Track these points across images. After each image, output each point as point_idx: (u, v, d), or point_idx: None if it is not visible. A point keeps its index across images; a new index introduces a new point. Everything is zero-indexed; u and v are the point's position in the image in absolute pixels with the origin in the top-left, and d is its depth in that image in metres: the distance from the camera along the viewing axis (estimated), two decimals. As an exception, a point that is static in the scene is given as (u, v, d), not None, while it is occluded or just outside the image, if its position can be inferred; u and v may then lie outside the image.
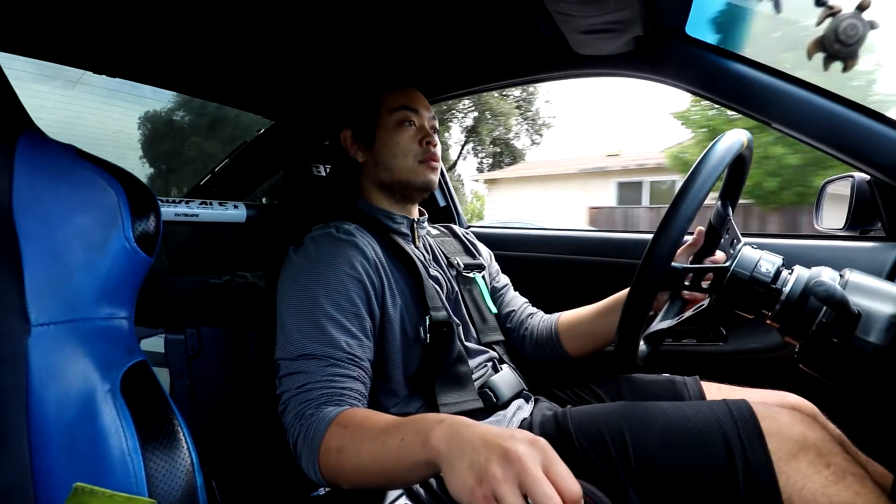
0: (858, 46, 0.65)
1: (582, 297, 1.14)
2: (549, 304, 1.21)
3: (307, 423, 0.71)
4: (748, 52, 1.00)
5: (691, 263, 0.94)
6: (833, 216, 1.12)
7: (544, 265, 1.48)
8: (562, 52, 1.11)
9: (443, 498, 0.77)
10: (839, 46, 0.65)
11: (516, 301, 1.21)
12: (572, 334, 1.09)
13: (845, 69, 0.67)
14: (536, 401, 1.02)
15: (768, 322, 0.71)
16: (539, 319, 1.16)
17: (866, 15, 0.64)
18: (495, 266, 1.25)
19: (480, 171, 20.03)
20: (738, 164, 0.81)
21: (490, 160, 20.20)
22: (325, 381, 0.76)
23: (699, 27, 1.01)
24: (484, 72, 1.35)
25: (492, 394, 0.94)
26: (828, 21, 0.65)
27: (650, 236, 0.68)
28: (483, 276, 1.15)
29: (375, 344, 0.87)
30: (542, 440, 0.50)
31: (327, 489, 0.93)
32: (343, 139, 1.05)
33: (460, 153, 19.58)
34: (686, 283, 0.74)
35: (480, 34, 1.18)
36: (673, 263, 0.69)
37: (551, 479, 0.46)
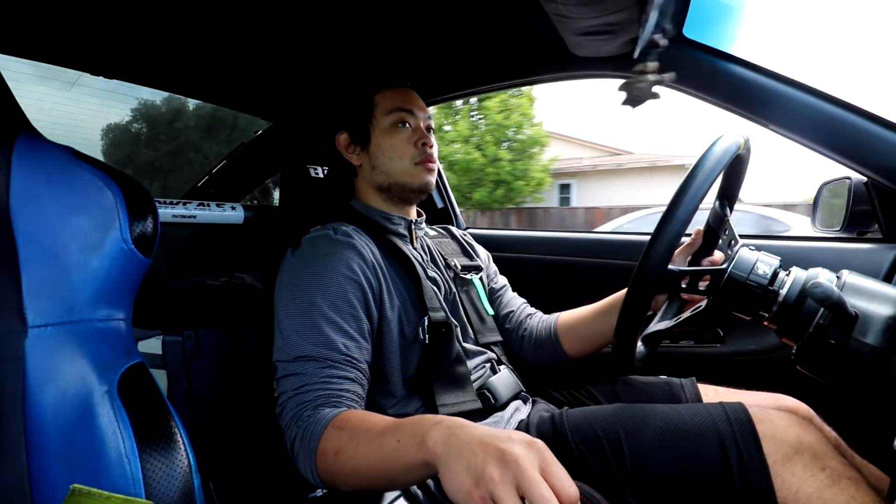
0: (639, 103, 0.84)
1: (580, 298, 1.14)
2: (547, 306, 1.21)
3: (304, 425, 0.71)
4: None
5: (689, 264, 0.94)
6: (830, 218, 1.13)
7: (543, 266, 1.48)
8: (559, 53, 1.11)
9: (440, 499, 0.77)
10: (629, 94, 0.83)
11: (515, 302, 1.21)
12: (571, 335, 1.09)
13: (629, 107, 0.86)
14: (534, 402, 1.02)
15: (766, 323, 0.71)
16: (538, 320, 1.16)
17: (656, 88, 0.81)
18: (493, 267, 1.25)
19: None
20: (736, 165, 0.81)
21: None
22: (322, 382, 0.76)
23: (697, 29, 1.01)
24: (481, 73, 1.35)
25: (490, 395, 0.94)
26: (636, 72, 0.81)
27: (648, 238, 0.68)
28: (480, 278, 1.15)
29: (373, 345, 0.87)
30: (539, 442, 0.50)
31: (325, 491, 0.93)
32: (338, 143, 1.05)
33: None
34: (683, 286, 0.74)
35: (477, 36, 1.19)
36: (669, 266, 0.69)
37: (548, 481, 0.46)
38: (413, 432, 0.58)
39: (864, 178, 1.00)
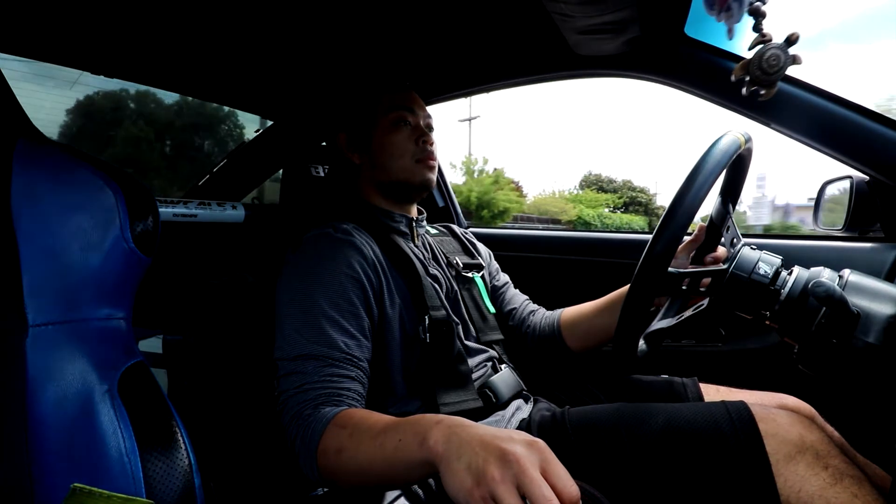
0: (778, 77, 0.67)
1: (582, 297, 1.14)
2: (548, 305, 1.21)
3: (305, 424, 0.71)
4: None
5: (693, 260, 0.94)
6: (832, 217, 1.13)
7: (544, 265, 1.48)
8: (560, 52, 1.11)
9: (441, 498, 0.77)
10: (760, 73, 0.67)
11: (517, 299, 1.21)
12: (575, 330, 1.09)
13: (763, 97, 0.70)
14: (535, 401, 1.02)
15: (767, 323, 0.71)
16: (541, 316, 1.16)
17: (792, 49, 0.66)
18: (495, 265, 1.25)
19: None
20: (738, 164, 0.81)
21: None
22: (323, 381, 0.75)
23: (698, 27, 1.01)
24: (482, 73, 1.35)
25: (491, 394, 0.94)
26: (758, 48, 0.67)
27: (650, 237, 0.68)
28: (482, 276, 1.15)
29: (374, 343, 0.87)
30: (540, 442, 0.50)
31: (326, 489, 0.92)
32: (339, 142, 1.05)
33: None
34: (683, 288, 0.74)
35: (478, 35, 1.18)
36: (670, 269, 0.68)
37: (549, 481, 0.46)
38: (414, 431, 0.58)
39: (867, 177, 1.00)
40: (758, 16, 0.68)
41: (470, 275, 1.11)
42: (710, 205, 0.90)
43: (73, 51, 1.15)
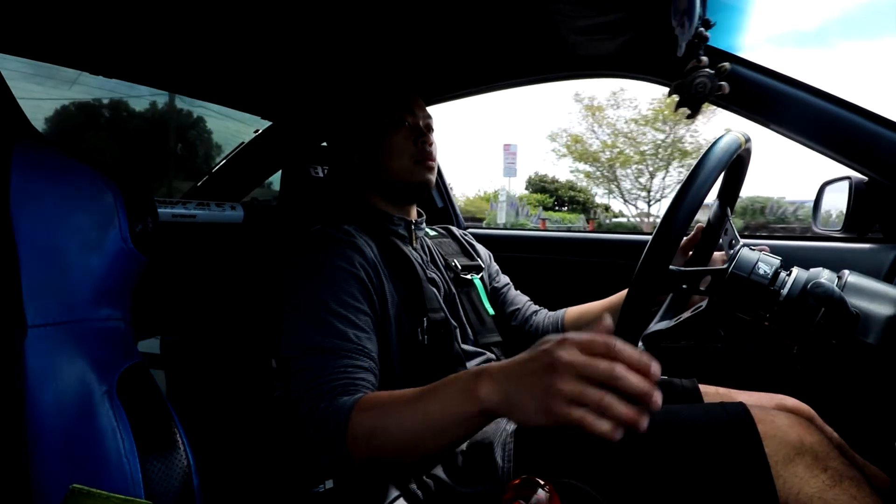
0: (702, 102, 0.73)
1: (583, 298, 1.14)
2: (549, 306, 1.21)
3: (324, 416, 0.70)
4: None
5: (690, 260, 0.94)
6: (830, 218, 1.13)
7: (544, 266, 1.48)
8: (560, 53, 1.11)
9: (440, 499, 0.77)
10: (688, 96, 0.73)
11: (519, 299, 1.21)
12: (580, 329, 1.09)
13: (689, 117, 0.76)
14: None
15: (766, 324, 0.71)
16: (544, 316, 1.16)
17: (720, 79, 0.71)
18: (495, 266, 1.25)
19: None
20: (737, 165, 0.81)
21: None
22: (336, 372, 0.74)
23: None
24: (482, 73, 1.35)
25: None
26: (691, 72, 0.72)
27: (649, 238, 0.68)
28: (481, 278, 1.15)
29: None
30: (566, 337, 0.53)
31: (326, 486, 0.92)
32: (338, 142, 1.05)
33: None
34: (683, 287, 0.74)
35: (478, 36, 1.18)
36: (670, 266, 0.68)
37: (591, 352, 0.51)
38: (456, 389, 0.61)
39: (865, 178, 1.00)
40: (700, 40, 0.73)
41: (469, 277, 1.11)
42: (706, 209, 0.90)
43: (73, 51, 1.15)
